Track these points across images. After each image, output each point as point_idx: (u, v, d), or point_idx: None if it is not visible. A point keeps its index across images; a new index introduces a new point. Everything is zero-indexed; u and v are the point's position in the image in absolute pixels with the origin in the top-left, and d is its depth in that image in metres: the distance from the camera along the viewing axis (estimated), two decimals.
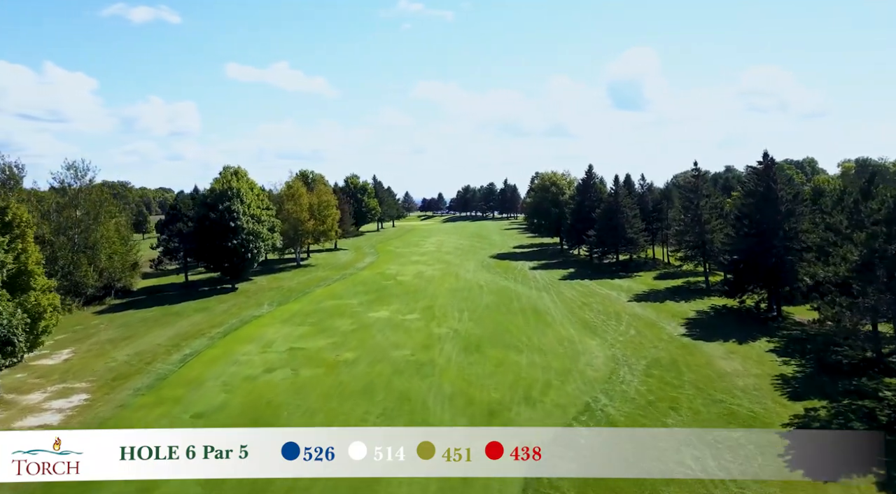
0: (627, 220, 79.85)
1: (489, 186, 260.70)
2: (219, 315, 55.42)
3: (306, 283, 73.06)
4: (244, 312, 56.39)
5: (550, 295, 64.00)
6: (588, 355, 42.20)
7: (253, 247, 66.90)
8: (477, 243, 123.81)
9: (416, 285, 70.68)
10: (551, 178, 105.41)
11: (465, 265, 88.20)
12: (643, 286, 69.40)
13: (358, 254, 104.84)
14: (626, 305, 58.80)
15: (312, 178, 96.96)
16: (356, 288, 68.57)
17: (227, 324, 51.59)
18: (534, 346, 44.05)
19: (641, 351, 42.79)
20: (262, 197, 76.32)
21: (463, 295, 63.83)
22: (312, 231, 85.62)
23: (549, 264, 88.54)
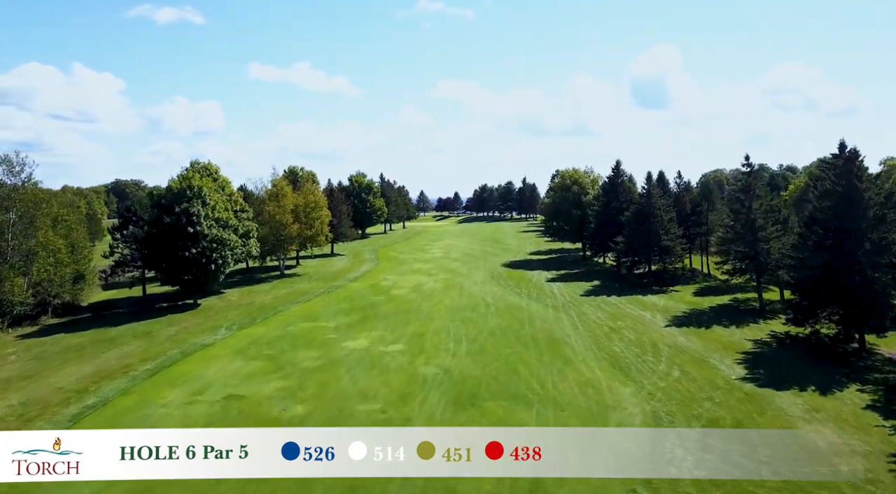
0: (662, 225, 69.21)
1: (507, 185, 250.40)
2: (160, 342, 45.99)
3: (283, 298, 63.53)
4: (193, 339, 46.92)
5: (570, 316, 53.70)
6: (620, 411, 32.00)
7: (217, 257, 57.50)
8: (489, 248, 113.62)
9: (410, 302, 60.80)
10: (573, 176, 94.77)
11: (472, 275, 78.15)
12: (682, 305, 58.84)
13: (355, 261, 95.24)
14: (663, 332, 48.41)
15: (302, 176, 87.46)
16: (339, 306, 58.84)
17: (164, 357, 42.13)
18: (548, 397, 33.89)
19: (692, 406, 32.46)
20: (235, 198, 67.08)
21: (464, 315, 53.79)
22: (297, 235, 76.05)
23: (570, 275, 78.08)
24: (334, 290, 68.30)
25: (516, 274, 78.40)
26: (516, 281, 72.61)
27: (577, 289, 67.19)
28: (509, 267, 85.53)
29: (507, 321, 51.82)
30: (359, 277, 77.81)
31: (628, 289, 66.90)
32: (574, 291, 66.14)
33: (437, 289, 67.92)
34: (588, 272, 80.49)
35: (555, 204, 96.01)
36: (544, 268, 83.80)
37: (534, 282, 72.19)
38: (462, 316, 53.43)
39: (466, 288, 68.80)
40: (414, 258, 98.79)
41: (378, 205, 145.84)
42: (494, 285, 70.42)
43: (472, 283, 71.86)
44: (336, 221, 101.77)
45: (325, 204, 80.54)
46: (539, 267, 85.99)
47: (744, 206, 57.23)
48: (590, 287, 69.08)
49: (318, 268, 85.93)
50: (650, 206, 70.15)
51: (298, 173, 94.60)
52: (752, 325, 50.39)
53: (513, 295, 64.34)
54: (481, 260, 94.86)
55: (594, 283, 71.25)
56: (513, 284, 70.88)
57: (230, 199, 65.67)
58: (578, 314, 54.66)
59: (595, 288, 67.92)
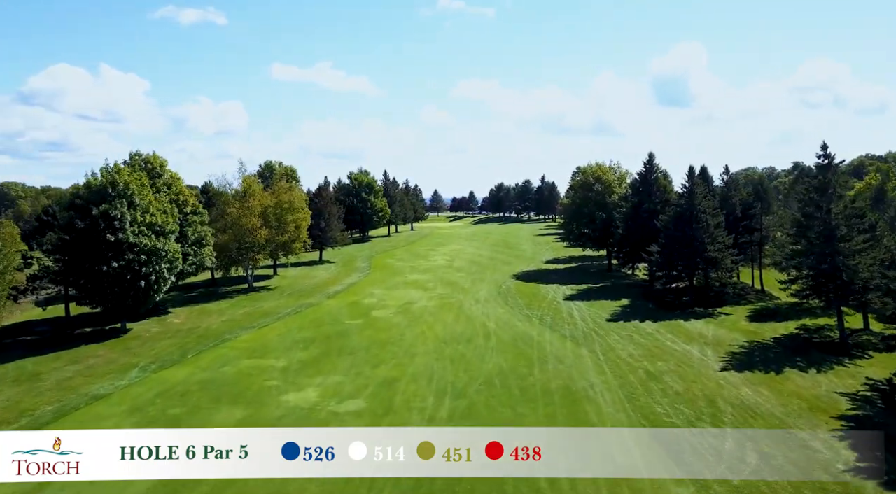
0: (708, 231, 57.15)
1: (524, 184, 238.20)
2: (40, 392, 35.04)
3: (238, 322, 52.49)
4: (87, 386, 35.91)
5: (594, 352, 42.02)
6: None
7: (150, 272, 46.58)
8: (501, 254, 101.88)
9: (392, 328, 49.50)
10: (596, 173, 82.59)
11: (475, 291, 66.63)
12: (736, 334, 46.95)
13: (342, 271, 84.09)
14: (719, 378, 36.64)
15: (277, 172, 76.07)
16: (300, 334, 47.66)
17: (30, 418, 31.15)
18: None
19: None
20: (185, 198, 56.25)
21: (456, 351, 42.35)
22: (266, 243, 65.00)
23: (593, 291, 66.16)
24: (304, 310, 57.11)
25: (528, 290, 66.69)
26: (528, 299, 60.94)
27: (602, 311, 55.37)
28: (521, 280, 73.83)
29: (510, 360, 40.21)
30: (340, 292, 66.57)
31: (665, 312, 55.01)
32: (598, 313, 54.33)
33: (430, 310, 56.50)
34: (614, 287, 68.50)
35: (575, 205, 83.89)
36: (562, 281, 71.97)
37: (549, 300, 60.47)
38: (453, 353, 41.94)
39: (466, 308, 57.29)
40: (412, 267, 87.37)
41: (380, 205, 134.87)
42: (500, 304, 58.82)
43: (474, 301, 60.32)
44: (324, 224, 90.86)
45: (302, 205, 69.29)
46: (556, 279, 74.17)
47: (820, 210, 45.05)
48: (617, 307, 57.22)
49: (295, 281, 74.83)
50: (693, 208, 58.10)
51: (275, 169, 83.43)
52: (837, 368, 38.41)
53: (522, 318, 52.71)
54: (489, 269, 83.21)
55: (622, 303, 59.35)
56: (523, 303, 59.22)
57: (176, 201, 54.86)
58: (605, 348, 42.92)
59: (624, 310, 56.06)
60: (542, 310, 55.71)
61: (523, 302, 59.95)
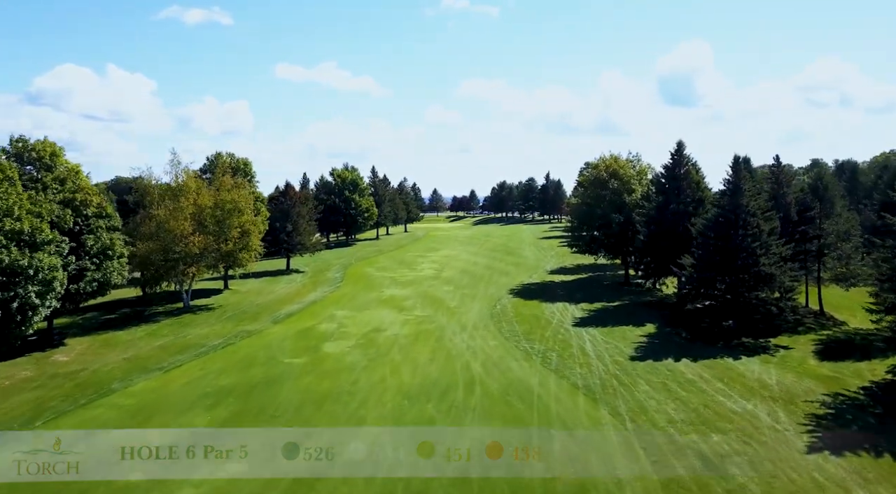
0: (760, 239, 44.95)
1: (528, 182, 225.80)
2: None
3: (143, 361, 40.38)
4: None
5: (618, 414, 29.94)
6: None
7: (8, 298, 34.54)
8: (499, 262, 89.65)
9: (343, 372, 37.40)
10: (611, 167, 70.11)
11: (463, 311, 54.58)
12: (810, 382, 34.99)
13: (309, 283, 71.98)
14: (810, 466, 24.85)
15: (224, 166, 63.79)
16: (216, 382, 35.52)
17: None
18: None
19: None
20: (84, 197, 44.27)
21: (423, 415, 30.26)
22: (202, 252, 52.76)
23: (609, 312, 53.99)
24: (238, 342, 45.01)
25: (529, 310, 54.53)
26: (527, 325, 48.84)
27: (623, 343, 43.24)
28: (520, 296, 61.68)
29: (499, 431, 28.00)
30: (294, 314, 54.42)
31: (704, 344, 42.95)
32: (618, 347, 42.20)
33: (401, 341, 44.41)
34: (634, 307, 56.25)
35: (585, 205, 71.40)
36: (570, 298, 59.76)
37: (554, 326, 48.37)
38: (417, 418, 29.78)
39: (447, 338, 45.22)
40: (392, 278, 75.22)
41: (365, 204, 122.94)
42: (492, 333, 46.73)
43: (460, 328, 48.25)
44: (290, 228, 78.82)
45: (248, 205, 56.98)
46: (563, 295, 61.97)
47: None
48: (641, 337, 45.07)
49: (246, 297, 62.68)
50: (739, 209, 45.86)
51: (227, 160, 70.99)
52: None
53: (518, 355, 40.58)
54: (483, 282, 71.06)
55: (647, 330, 47.19)
56: (521, 331, 47.12)
57: (72, 202, 42.90)
58: (633, 408, 30.77)
59: (651, 342, 43.90)
60: (545, 342, 43.57)
61: (521, 329, 47.83)
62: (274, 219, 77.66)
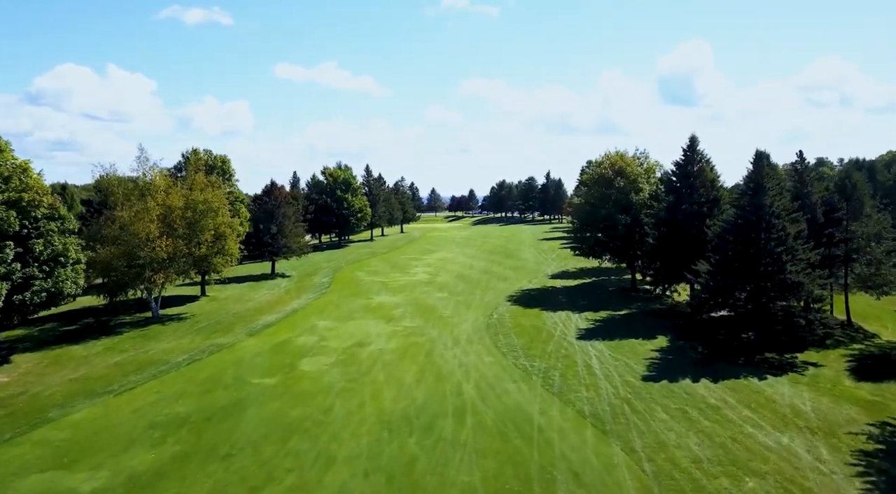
0: (785, 243, 40.58)
1: (528, 181, 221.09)
2: None
3: (93, 382, 35.96)
4: None
5: (633, 451, 25.54)
6: None
7: None
8: (497, 266, 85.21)
9: (318, 395, 33.00)
10: (617, 164, 65.67)
11: (457, 322, 50.20)
12: (850, 407, 30.73)
13: (294, 289, 67.57)
14: None
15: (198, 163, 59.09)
16: (170, 409, 31.11)
17: None
18: None
19: None
20: (37, 197, 39.89)
21: (404, 453, 25.88)
22: (170, 257, 48.32)
23: (616, 323, 49.59)
24: (205, 358, 40.59)
25: (528, 321, 50.12)
26: (527, 338, 44.45)
27: (633, 360, 38.84)
28: (519, 304, 57.27)
29: (493, 477, 23.64)
30: (272, 324, 50.04)
31: (722, 359, 38.60)
32: (628, 364, 37.81)
33: (386, 357, 40.01)
34: (643, 315, 51.90)
35: (589, 205, 66.93)
36: (573, 306, 55.36)
37: (556, 340, 43.96)
38: (396, 457, 25.38)
39: (438, 354, 40.82)
40: (384, 283, 70.82)
41: (358, 204, 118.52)
42: (488, 347, 42.31)
43: (452, 342, 43.84)
44: (275, 230, 74.43)
45: (224, 206, 52.54)
46: (565, 302, 57.56)
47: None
48: (653, 352, 40.67)
49: (223, 305, 58.22)
50: (761, 210, 41.45)
51: (203, 158, 66.42)
52: None
53: (517, 375, 36.16)
54: (480, 288, 66.67)
55: (659, 344, 42.81)
56: (520, 345, 42.72)
57: (18, 202, 38.50)
58: (649, 445, 26.34)
59: (664, 358, 39.49)
60: (546, 359, 39.16)
61: (520, 342, 43.43)
62: (257, 220, 73.39)
